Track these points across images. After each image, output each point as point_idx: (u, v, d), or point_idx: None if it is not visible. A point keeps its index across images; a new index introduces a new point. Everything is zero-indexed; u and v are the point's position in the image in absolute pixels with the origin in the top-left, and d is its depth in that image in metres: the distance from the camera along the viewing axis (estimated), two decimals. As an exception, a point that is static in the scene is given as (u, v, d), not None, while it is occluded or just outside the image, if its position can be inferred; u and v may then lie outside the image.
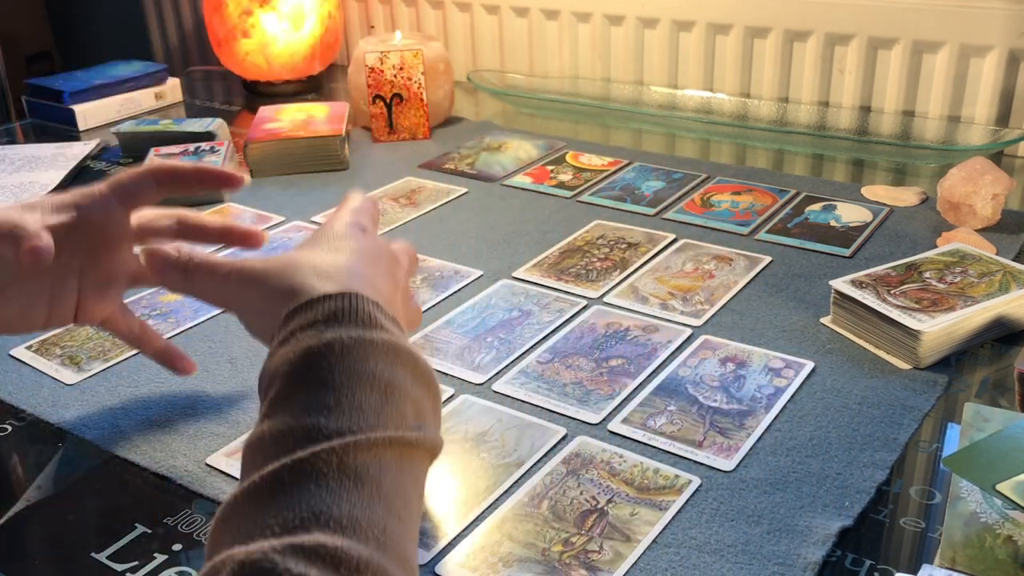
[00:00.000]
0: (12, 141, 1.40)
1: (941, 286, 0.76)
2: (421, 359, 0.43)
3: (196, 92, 1.62)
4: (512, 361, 0.76)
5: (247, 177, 0.58)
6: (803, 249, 0.92)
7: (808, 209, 1.01)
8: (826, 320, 0.79)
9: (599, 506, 0.59)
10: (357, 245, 0.51)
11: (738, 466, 0.63)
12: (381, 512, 0.37)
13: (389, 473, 0.38)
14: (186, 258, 0.52)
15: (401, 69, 1.25)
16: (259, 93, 1.57)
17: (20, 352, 0.80)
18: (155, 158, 1.15)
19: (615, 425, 0.67)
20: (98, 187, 0.58)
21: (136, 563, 0.56)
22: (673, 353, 0.76)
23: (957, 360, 0.73)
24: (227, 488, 0.63)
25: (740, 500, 0.60)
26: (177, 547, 0.58)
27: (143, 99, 1.49)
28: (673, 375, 0.73)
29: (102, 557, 0.57)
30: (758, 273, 0.88)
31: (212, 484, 0.63)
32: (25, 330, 0.60)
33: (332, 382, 0.40)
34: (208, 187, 0.60)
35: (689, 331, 0.79)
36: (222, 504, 0.38)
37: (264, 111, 1.30)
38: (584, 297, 0.85)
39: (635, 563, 0.55)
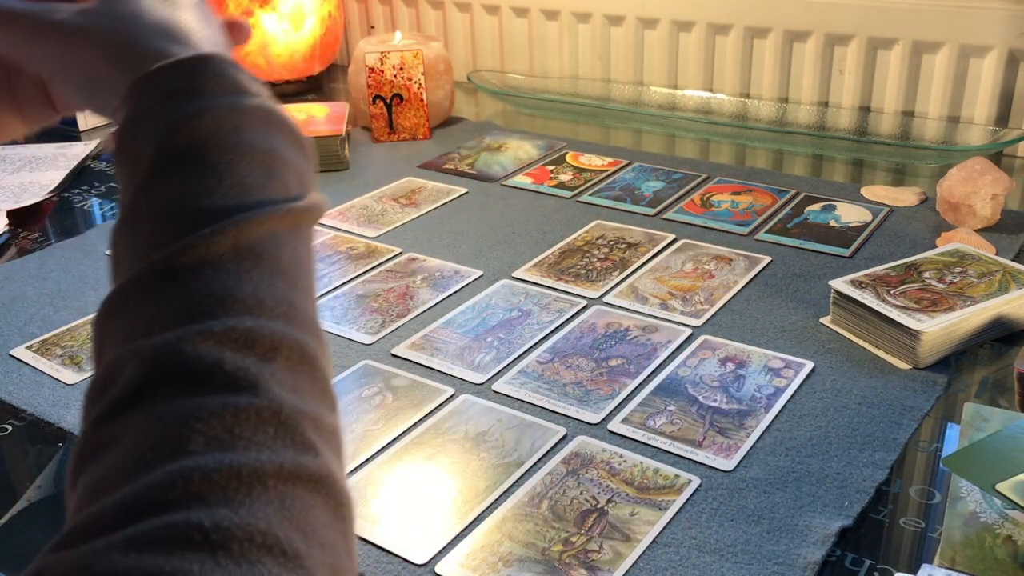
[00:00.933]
0: (12, 141, 1.39)
1: (941, 286, 0.76)
2: (292, 121, 0.41)
3: (196, 92, 1.62)
4: (512, 361, 0.76)
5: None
6: (803, 249, 0.92)
7: (808, 209, 1.01)
8: (826, 320, 0.79)
9: (599, 506, 0.59)
10: None
11: (738, 466, 0.63)
12: (284, 287, 0.36)
13: (286, 246, 0.37)
14: None
15: (401, 69, 1.25)
16: (259, 93, 1.56)
17: (20, 352, 0.80)
18: None
19: (615, 425, 0.67)
20: None
21: (136, 563, 0.56)
22: (673, 353, 0.76)
23: (957, 360, 0.73)
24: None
25: (740, 500, 0.60)
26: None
27: (143, 99, 1.49)
28: (673, 375, 0.73)
29: (102, 557, 0.57)
30: (758, 273, 0.88)
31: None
32: (8, 137, 0.51)
33: (210, 159, 0.37)
34: None
35: (689, 331, 0.79)
36: (105, 298, 0.36)
37: (264, 111, 1.30)
38: (584, 297, 0.85)
39: (635, 563, 0.55)
